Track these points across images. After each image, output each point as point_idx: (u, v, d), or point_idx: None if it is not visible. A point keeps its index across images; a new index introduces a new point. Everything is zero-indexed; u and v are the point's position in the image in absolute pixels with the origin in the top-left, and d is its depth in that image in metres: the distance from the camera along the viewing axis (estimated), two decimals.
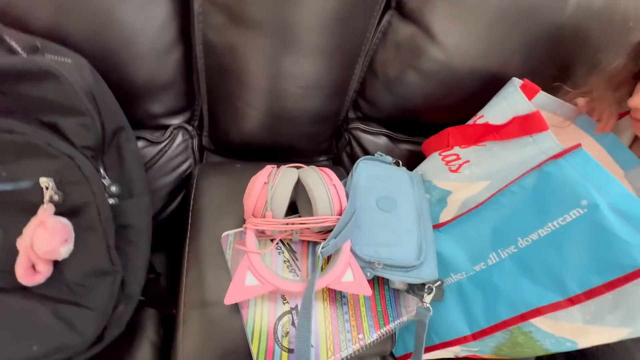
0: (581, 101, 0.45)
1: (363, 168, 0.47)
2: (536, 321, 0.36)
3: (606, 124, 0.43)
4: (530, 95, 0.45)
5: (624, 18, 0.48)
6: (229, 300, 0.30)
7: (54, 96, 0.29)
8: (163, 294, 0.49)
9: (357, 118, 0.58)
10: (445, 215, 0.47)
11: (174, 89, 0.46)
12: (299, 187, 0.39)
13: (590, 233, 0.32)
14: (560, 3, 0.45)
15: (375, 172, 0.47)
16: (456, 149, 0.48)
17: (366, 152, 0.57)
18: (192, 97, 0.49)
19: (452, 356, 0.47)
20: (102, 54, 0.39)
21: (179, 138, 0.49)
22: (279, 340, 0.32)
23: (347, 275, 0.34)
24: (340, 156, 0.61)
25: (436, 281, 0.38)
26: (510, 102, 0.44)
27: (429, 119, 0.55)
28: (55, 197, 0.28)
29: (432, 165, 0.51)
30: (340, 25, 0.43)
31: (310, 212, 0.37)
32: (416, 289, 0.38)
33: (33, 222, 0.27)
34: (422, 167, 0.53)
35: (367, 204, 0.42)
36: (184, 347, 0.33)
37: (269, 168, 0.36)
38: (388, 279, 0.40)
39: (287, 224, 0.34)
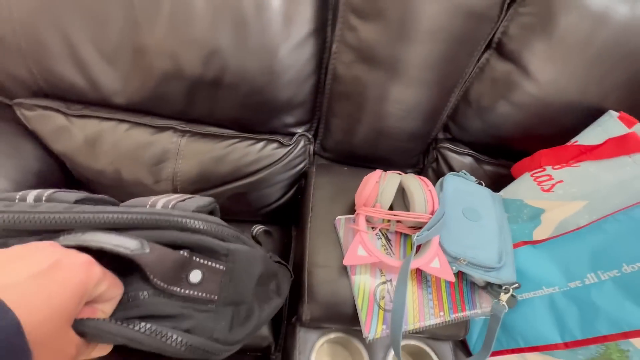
0: None
1: (450, 181, 0.55)
2: (637, 341, 0.38)
3: None
4: (627, 125, 0.48)
5: None
6: (346, 262, 0.41)
7: None
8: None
9: (446, 139, 0.66)
10: (539, 233, 0.50)
11: (305, 106, 0.61)
12: (397, 190, 0.49)
13: None
14: None
15: (461, 186, 0.55)
16: (548, 170, 0.52)
17: (451, 169, 0.65)
18: (315, 113, 0.63)
19: None
20: (266, 79, 0.55)
21: (301, 143, 0.63)
22: (377, 301, 0.42)
23: (434, 262, 0.42)
24: (426, 170, 0.69)
25: (513, 284, 0.43)
26: (605, 127, 0.48)
27: (517, 146, 0.60)
28: None
29: (523, 185, 0.55)
30: (445, 63, 0.53)
31: (406, 210, 0.47)
32: (494, 287, 0.44)
33: None
34: (513, 187, 0.58)
35: (455, 212, 0.50)
36: (307, 295, 0.45)
37: (379, 171, 0.47)
38: (468, 277, 0.47)
39: (390, 215, 0.44)
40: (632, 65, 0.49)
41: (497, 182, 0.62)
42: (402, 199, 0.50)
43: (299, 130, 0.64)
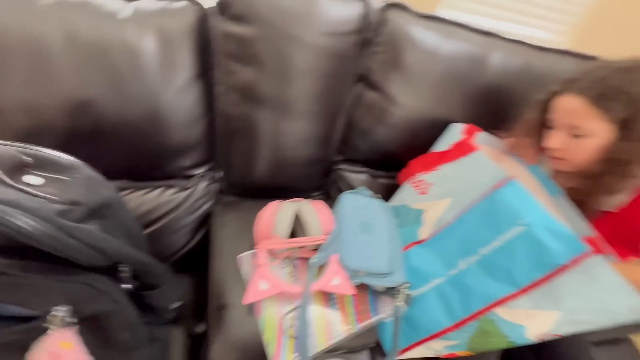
0: (509, 142, 0.60)
1: (346, 199, 0.60)
2: (499, 310, 0.46)
3: (529, 160, 0.57)
4: (469, 134, 0.60)
5: (540, 77, 0.64)
6: (246, 300, 0.41)
7: None
8: (189, 313, 0.59)
9: (342, 160, 0.72)
10: (423, 232, 0.57)
11: (200, 148, 0.60)
12: (297, 218, 0.51)
13: (529, 243, 0.43)
14: (481, 69, 0.61)
15: (357, 203, 0.60)
16: (420, 176, 0.61)
17: (351, 187, 0.71)
18: (214, 152, 0.63)
19: (434, 355, 0.56)
20: (151, 125, 0.54)
21: (203, 184, 0.63)
22: (285, 331, 0.43)
23: (334, 280, 0.45)
24: (330, 191, 0.74)
25: (404, 284, 0.49)
26: (451, 136, 0.60)
27: (399, 158, 0.70)
28: (70, 320, 0.30)
29: (406, 192, 0.64)
30: (324, 96, 0.59)
31: (305, 236, 0.50)
32: (392, 291, 0.49)
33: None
34: (399, 195, 0.66)
35: (352, 228, 0.55)
36: (215, 339, 0.43)
37: (274, 203, 0.50)
38: (370, 286, 0.52)
39: (288, 243, 0.46)
40: (463, 88, 0.62)
41: (391, 194, 0.70)
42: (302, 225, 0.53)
43: (199, 171, 0.63)
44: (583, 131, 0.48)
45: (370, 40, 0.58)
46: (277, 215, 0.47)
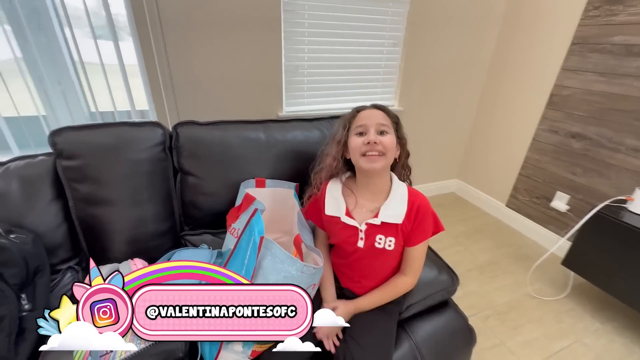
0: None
1: (178, 253, 0.80)
2: None
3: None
4: (263, 183, 0.87)
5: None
6: None
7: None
8: None
9: (189, 229, 0.95)
10: None
11: (64, 247, 0.82)
12: None
13: (254, 243, 0.66)
14: (253, 145, 0.92)
15: (184, 254, 0.81)
16: (232, 225, 0.84)
17: (195, 246, 0.91)
18: (76, 249, 0.85)
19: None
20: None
21: (68, 274, 0.81)
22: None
23: None
24: None
25: None
26: (241, 193, 0.85)
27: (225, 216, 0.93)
28: None
29: (228, 239, 0.85)
30: (150, 187, 0.86)
31: None
32: None
33: None
34: (225, 242, 0.86)
35: None
36: None
37: None
38: None
39: None
40: (242, 161, 0.92)
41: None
42: None
43: (65, 265, 0.83)
44: (386, 128, 0.71)
45: (173, 146, 0.89)
46: None
